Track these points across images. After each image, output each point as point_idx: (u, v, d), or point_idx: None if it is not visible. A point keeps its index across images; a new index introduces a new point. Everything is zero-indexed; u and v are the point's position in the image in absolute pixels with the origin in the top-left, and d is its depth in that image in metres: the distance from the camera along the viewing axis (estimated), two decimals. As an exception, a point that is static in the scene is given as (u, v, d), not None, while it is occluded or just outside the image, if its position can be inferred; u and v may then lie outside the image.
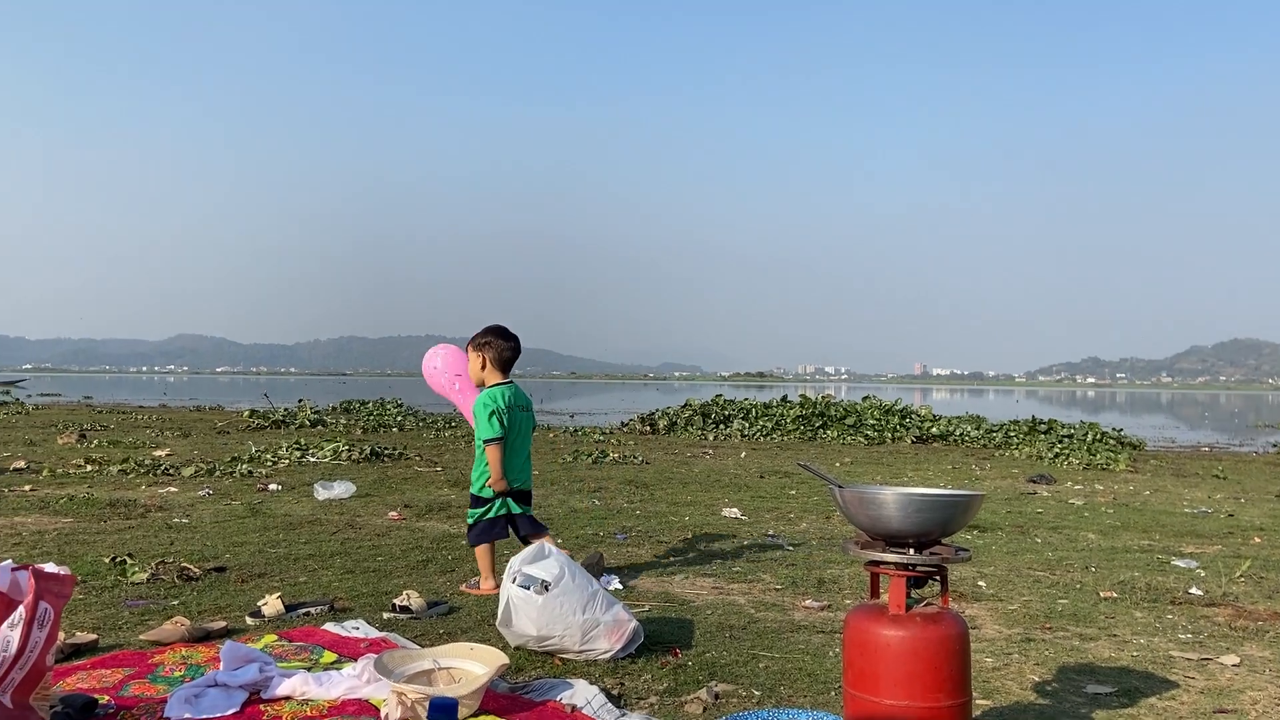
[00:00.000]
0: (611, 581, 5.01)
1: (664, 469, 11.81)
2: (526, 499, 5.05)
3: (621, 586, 4.99)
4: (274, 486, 9.01)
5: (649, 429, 19.85)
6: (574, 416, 29.07)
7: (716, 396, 22.47)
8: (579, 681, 3.37)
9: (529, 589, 3.74)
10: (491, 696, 3.20)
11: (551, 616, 3.68)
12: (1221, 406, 63.96)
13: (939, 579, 2.63)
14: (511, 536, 5.00)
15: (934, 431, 18.73)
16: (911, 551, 2.58)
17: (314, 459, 11.81)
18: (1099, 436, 17.42)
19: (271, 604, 4.28)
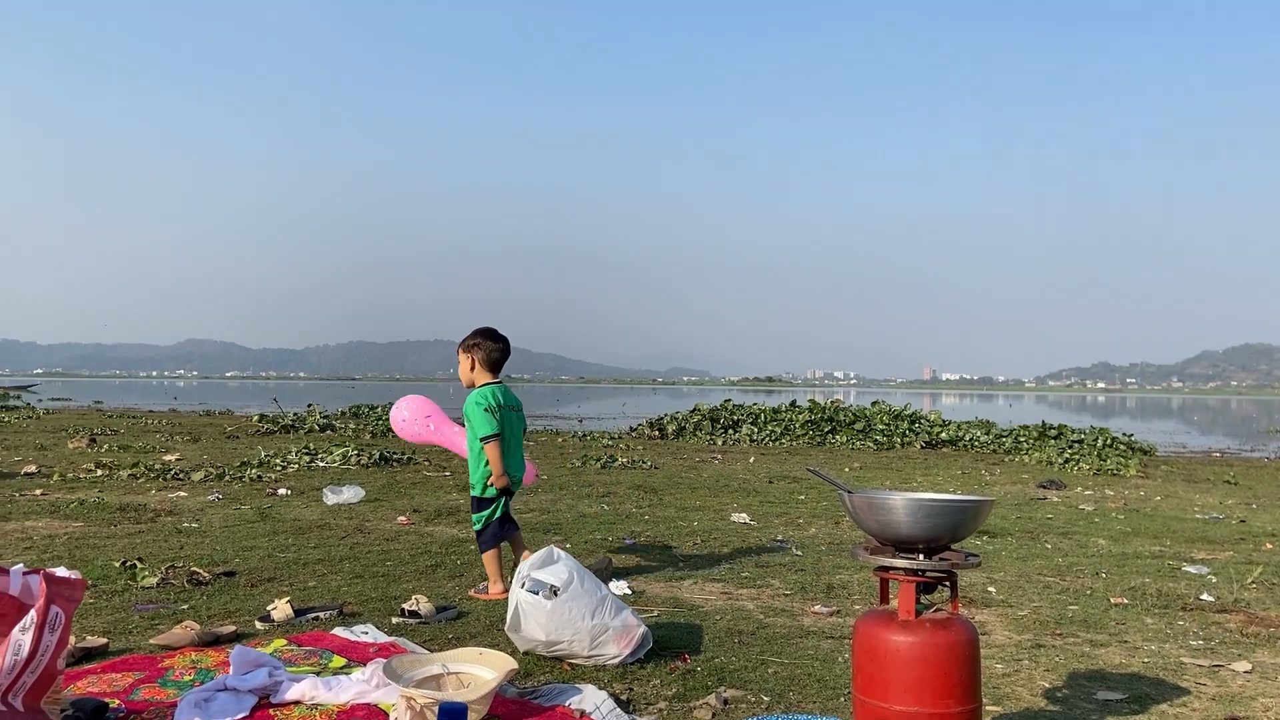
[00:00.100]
0: (620, 586, 5.01)
1: (672, 474, 11.81)
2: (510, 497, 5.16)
3: (630, 591, 4.98)
4: (283, 491, 9.04)
5: (657, 434, 19.84)
6: (582, 421, 29.09)
7: (725, 401, 22.48)
8: (588, 687, 3.37)
9: (538, 594, 3.74)
10: (500, 701, 3.20)
11: (560, 621, 3.68)
12: (1233, 412, 63.67)
13: (949, 584, 2.62)
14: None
15: (943, 437, 18.69)
16: (921, 557, 2.57)
17: (323, 464, 11.84)
18: (1109, 442, 17.36)
19: (281, 608, 4.29)
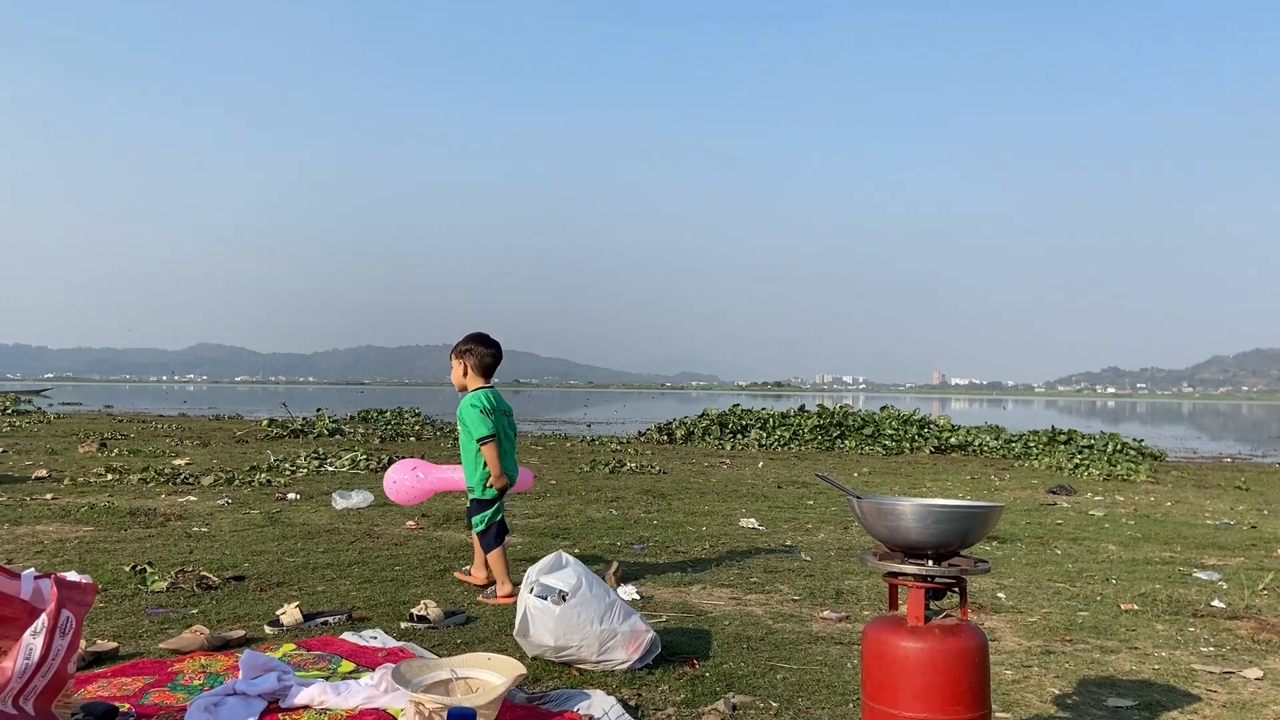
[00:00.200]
0: (628, 591, 5.01)
1: (681, 479, 11.80)
2: None
3: (638, 596, 4.98)
4: (292, 495, 9.06)
5: (666, 438, 19.84)
6: (591, 426, 29.09)
7: (734, 406, 22.46)
8: (596, 692, 3.37)
9: (546, 599, 3.74)
10: (509, 707, 3.20)
11: (569, 627, 3.68)
12: (1244, 417, 63.35)
13: (958, 591, 2.61)
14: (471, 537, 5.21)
15: (952, 442, 18.65)
16: (930, 563, 2.57)
17: (332, 468, 11.87)
18: (1119, 447, 17.30)
19: (290, 613, 4.30)
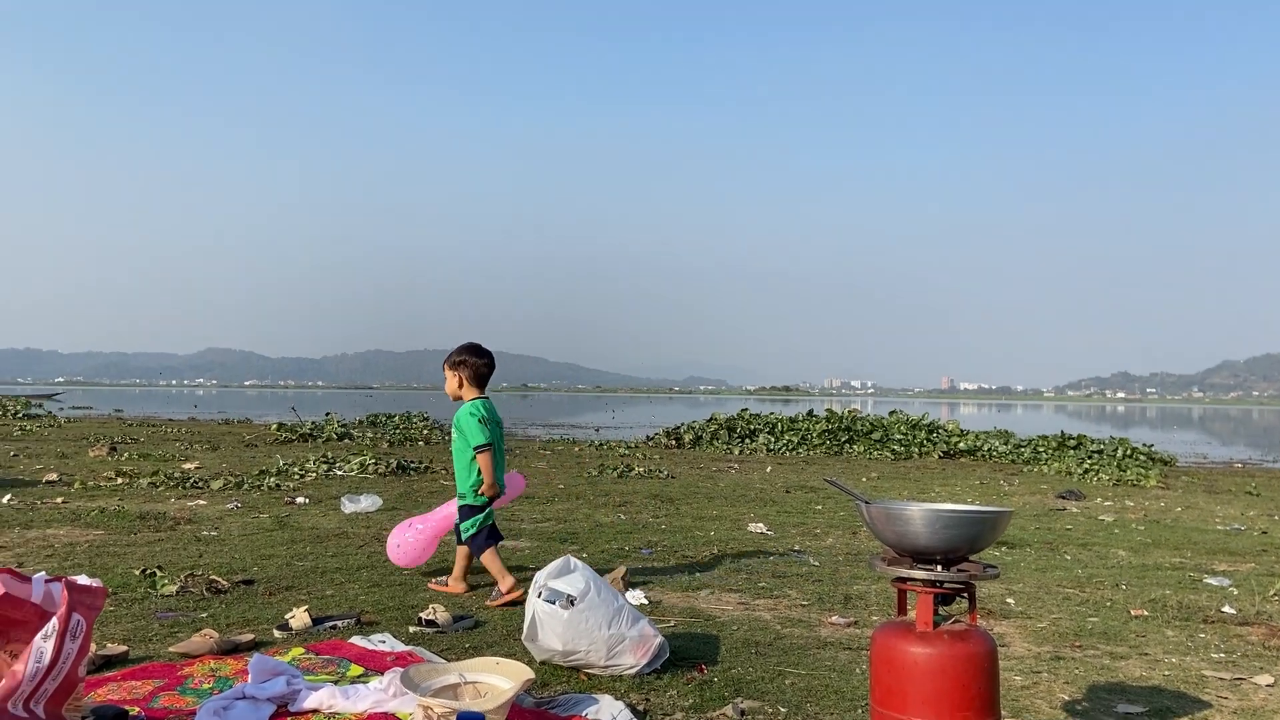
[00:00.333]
0: (637, 596, 5.00)
1: (689, 483, 11.79)
2: None
3: (647, 601, 4.98)
4: (301, 500, 9.08)
5: (674, 443, 19.83)
6: (599, 430, 29.10)
7: (742, 411, 22.44)
8: (604, 697, 3.37)
9: (554, 603, 3.74)
10: (517, 711, 3.20)
11: (577, 631, 3.68)
12: (1254, 422, 63.03)
13: (967, 596, 2.61)
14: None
15: (961, 447, 18.60)
16: (939, 568, 2.56)
17: (341, 472, 11.89)
18: (1129, 452, 17.23)
19: (299, 617, 4.31)
